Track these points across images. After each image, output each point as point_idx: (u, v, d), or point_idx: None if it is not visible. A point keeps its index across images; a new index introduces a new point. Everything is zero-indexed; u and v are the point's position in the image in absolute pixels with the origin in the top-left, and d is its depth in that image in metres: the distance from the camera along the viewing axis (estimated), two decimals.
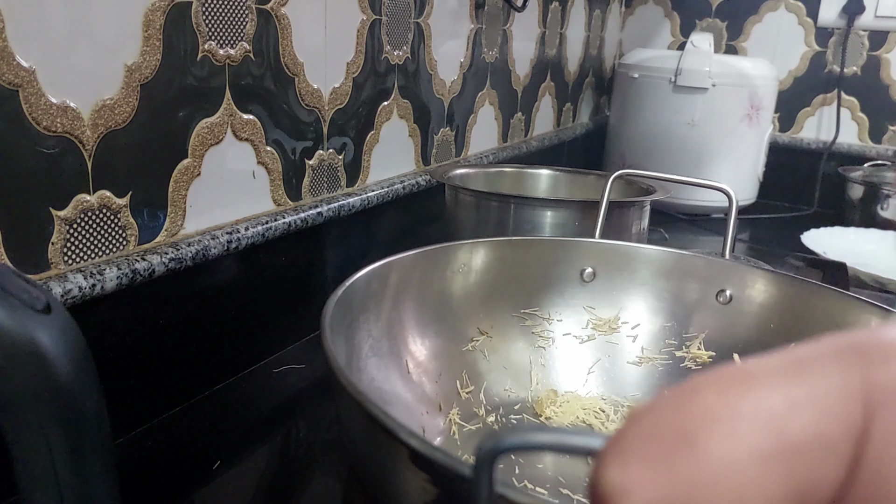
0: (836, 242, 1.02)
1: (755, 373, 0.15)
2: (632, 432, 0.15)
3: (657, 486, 0.14)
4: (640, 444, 0.14)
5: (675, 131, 1.17)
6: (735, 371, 0.15)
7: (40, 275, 0.43)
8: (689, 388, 0.15)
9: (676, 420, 0.14)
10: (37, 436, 0.24)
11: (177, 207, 0.52)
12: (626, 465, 0.14)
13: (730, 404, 0.14)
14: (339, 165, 0.69)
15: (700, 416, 0.14)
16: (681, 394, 0.15)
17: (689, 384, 0.15)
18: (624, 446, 0.15)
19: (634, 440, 0.15)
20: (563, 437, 0.16)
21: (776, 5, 1.37)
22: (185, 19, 0.49)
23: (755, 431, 0.13)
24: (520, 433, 0.17)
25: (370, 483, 0.36)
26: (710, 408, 0.14)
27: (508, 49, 1.03)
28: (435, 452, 0.26)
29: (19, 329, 0.23)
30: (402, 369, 0.49)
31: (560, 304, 0.57)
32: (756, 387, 0.14)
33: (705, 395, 0.14)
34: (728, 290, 0.55)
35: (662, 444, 0.14)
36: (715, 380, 0.15)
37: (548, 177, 0.88)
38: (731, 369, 0.15)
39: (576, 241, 0.58)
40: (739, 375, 0.15)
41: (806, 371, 0.14)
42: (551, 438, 0.16)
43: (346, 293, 0.43)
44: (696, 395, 0.15)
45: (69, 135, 0.43)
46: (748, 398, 0.14)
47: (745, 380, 0.15)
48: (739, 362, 0.15)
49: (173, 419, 0.52)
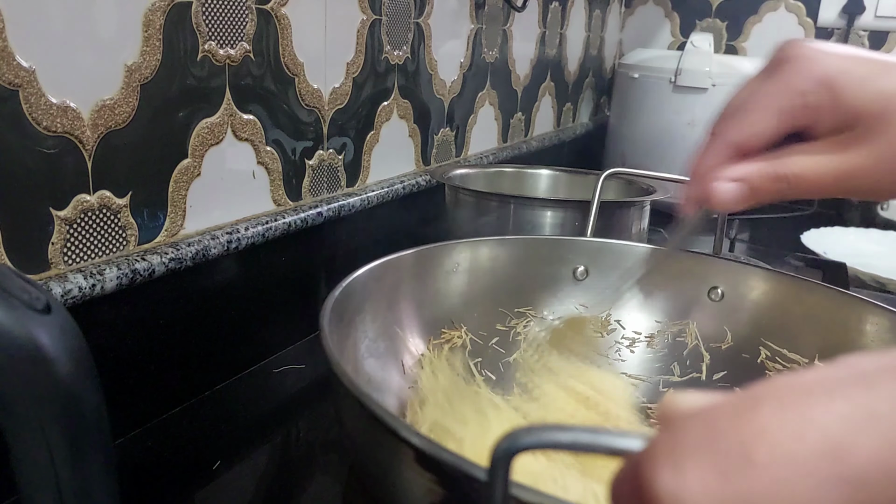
0: (836, 242, 1.02)
1: (815, 388, 0.14)
2: (685, 438, 0.15)
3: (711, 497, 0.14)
4: (696, 453, 0.14)
5: (675, 131, 1.17)
6: (795, 385, 0.15)
7: (40, 275, 0.43)
8: (748, 400, 0.15)
9: (734, 432, 0.14)
10: (37, 436, 0.24)
11: (177, 207, 0.52)
12: (681, 474, 0.14)
13: (789, 423, 0.14)
14: (339, 165, 0.69)
15: (758, 432, 0.14)
16: (739, 404, 0.15)
17: (747, 394, 0.15)
18: (678, 453, 0.14)
19: (689, 448, 0.14)
20: (581, 437, 0.16)
21: (776, 5, 1.37)
22: (185, 19, 0.49)
23: (815, 456, 0.13)
24: (536, 432, 0.16)
25: (372, 483, 0.36)
26: (768, 424, 0.14)
27: (508, 49, 1.03)
28: (443, 453, 0.26)
29: (19, 329, 0.23)
30: (400, 369, 0.49)
31: (553, 303, 0.57)
32: (816, 405, 0.14)
33: (764, 409, 0.14)
34: (720, 287, 0.55)
35: (719, 456, 0.14)
36: (774, 393, 0.15)
37: (548, 177, 0.88)
38: (791, 382, 0.15)
39: (568, 239, 0.59)
40: (799, 390, 0.14)
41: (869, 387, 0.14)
42: (569, 438, 0.16)
43: (343, 293, 0.43)
44: (755, 409, 0.14)
45: (69, 135, 0.43)
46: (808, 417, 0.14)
47: (805, 395, 0.14)
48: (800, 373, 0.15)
49: (173, 419, 0.52)
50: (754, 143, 0.34)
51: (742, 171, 0.34)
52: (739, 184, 0.34)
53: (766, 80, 0.34)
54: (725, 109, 0.36)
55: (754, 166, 0.34)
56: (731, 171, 0.35)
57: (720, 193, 0.35)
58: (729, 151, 0.35)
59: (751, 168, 0.34)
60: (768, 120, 0.33)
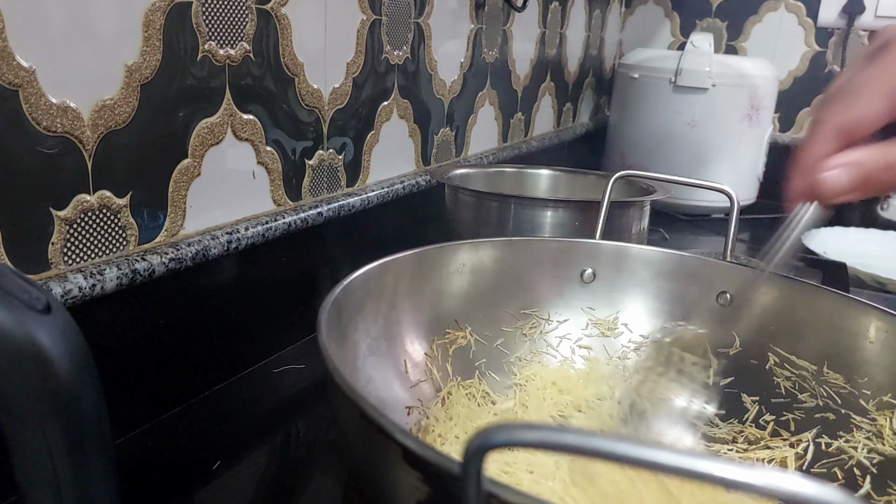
0: (836, 242, 1.03)
1: None
2: None
3: None
4: None
5: (675, 131, 1.17)
6: None
7: (40, 275, 0.43)
8: None
9: None
10: (37, 436, 0.24)
11: (177, 207, 0.52)
12: None
13: None
14: (339, 165, 0.70)
15: None
16: None
17: None
18: None
19: None
20: (550, 436, 0.16)
21: (776, 5, 1.37)
22: (185, 19, 0.49)
23: None
24: (507, 430, 0.17)
25: (365, 482, 0.36)
26: None
27: (508, 49, 1.03)
28: (426, 451, 0.26)
29: (19, 329, 0.23)
30: (400, 369, 0.49)
31: (559, 305, 0.57)
32: None
33: None
34: (729, 292, 0.55)
35: None
36: None
37: (548, 177, 0.88)
38: None
39: (576, 241, 0.58)
40: None
41: None
42: (539, 436, 0.16)
43: (343, 293, 0.43)
44: None
45: (69, 135, 0.43)
46: None
47: None
48: None
49: (173, 419, 0.52)
50: (864, 128, 0.32)
51: (854, 156, 0.32)
52: (851, 167, 0.32)
53: (872, 63, 0.32)
54: (827, 95, 0.34)
55: (865, 152, 0.32)
56: (840, 157, 0.33)
57: (831, 181, 0.32)
58: (837, 138, 0.33)
59: (863, 153, 0.32)
60: (877, 103, 0.32)
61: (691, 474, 0.16)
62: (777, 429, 0.49)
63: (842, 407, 0.47)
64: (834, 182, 0.32)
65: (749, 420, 0.50)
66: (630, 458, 0.17)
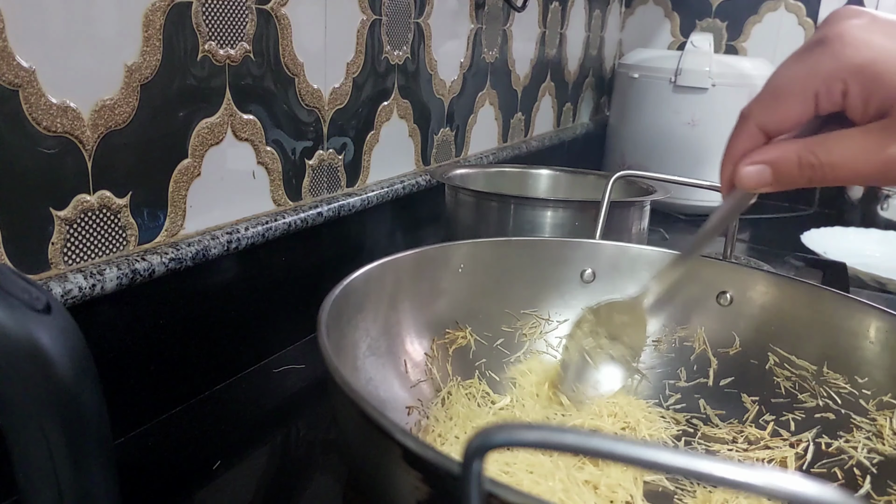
0: (836, 242, 1.03)
1: None
2: None
3: None
4: None
5: (674, 131, 1.17)
6: None
7: (40, 275, 0.43)
8: None
9: None
10: (37, 436, 0.24)
11: (177, 207, 0.52)
12: None
13: None
14: (339, 165, 0.70)
15: None
16: None
17: None
18: None
19: None
20: (550, 436, 0.16)
21: (776, 5, 1.37)
22: (185, 19, 0.49)
23: None
24: (507, 430, 0.17)
25: (365, 482, 0.36)
26: None
27: (508, 49, 1.03)
28: (426, 451, 0.26)
29: (19, 329, 0.23)
30: (400, 369, 0.49)
31: (559, 305, 0.57)
32: None
33: None
34: (729, 292, 0.55)
35: None
36: None
37: (548, 177, 0.88)
38: None
39: (576, 241, 0.58)
40: None
41: None
42: (539, 436, 0.16)
43: (343, 292, 0.43)
44: None
45: (69, 135, 0.43)
46: None
47: None
48: None
49: (173, 419, 0.52)
50: (785, 129, 0.34)
51: (767, 156, 0.34)
52: (763, 167, 0.34)
53: (803, 61, 0.33)
54: (761, 92, 0.35)
55: (780, 151, 0.34)
56: (757, 154, 0.34)
57: (747, 177, 0.34)
58: (760, 134, 0.34)
59: (776, 153, 0.34)
60: (801, 105, 0.33)
61: (691, 474, 0.16)
62: (777, 429, 0.49)
63: (842, 407, 0.47)
64: (750, 178, 0.34)
65: (749, 420, 0.51)
66: (630, 458, 0.17)
